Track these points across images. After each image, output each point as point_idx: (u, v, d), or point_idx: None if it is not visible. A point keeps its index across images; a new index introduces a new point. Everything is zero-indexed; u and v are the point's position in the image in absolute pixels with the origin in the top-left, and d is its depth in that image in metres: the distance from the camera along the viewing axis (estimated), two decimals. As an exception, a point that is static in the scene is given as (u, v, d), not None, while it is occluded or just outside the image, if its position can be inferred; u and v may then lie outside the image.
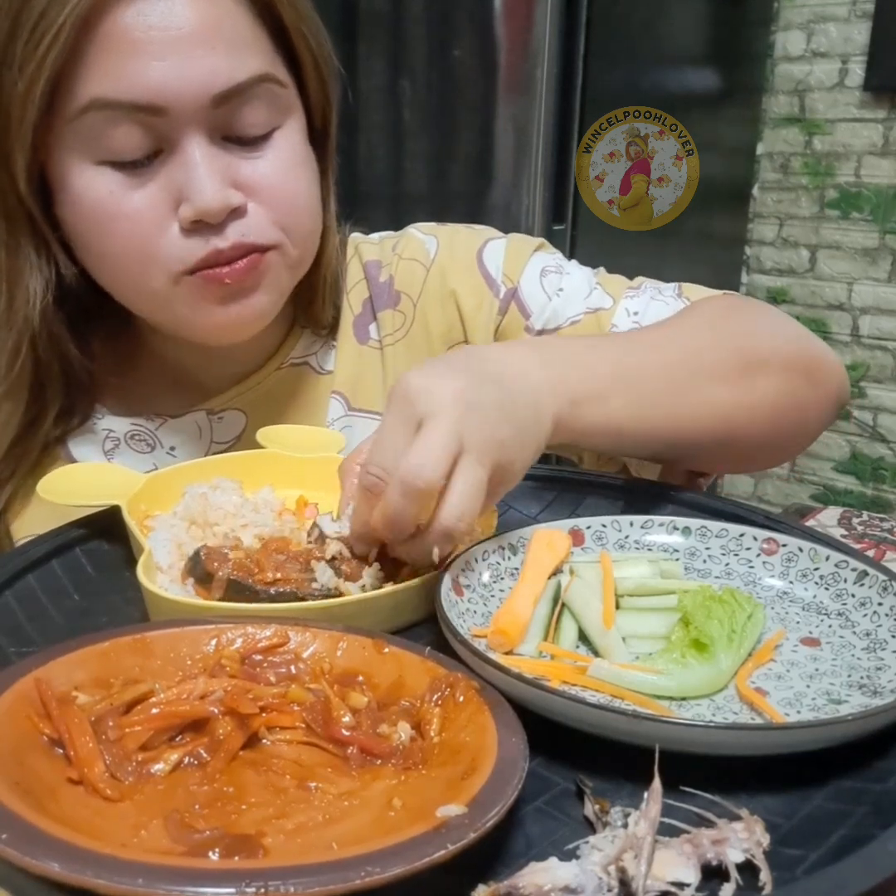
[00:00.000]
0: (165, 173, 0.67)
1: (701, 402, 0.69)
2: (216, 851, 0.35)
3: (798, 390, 0.74)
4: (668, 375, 0.68)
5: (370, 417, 0.85)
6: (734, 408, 0.70)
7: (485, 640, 0.52)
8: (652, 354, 0.69)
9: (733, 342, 0.72)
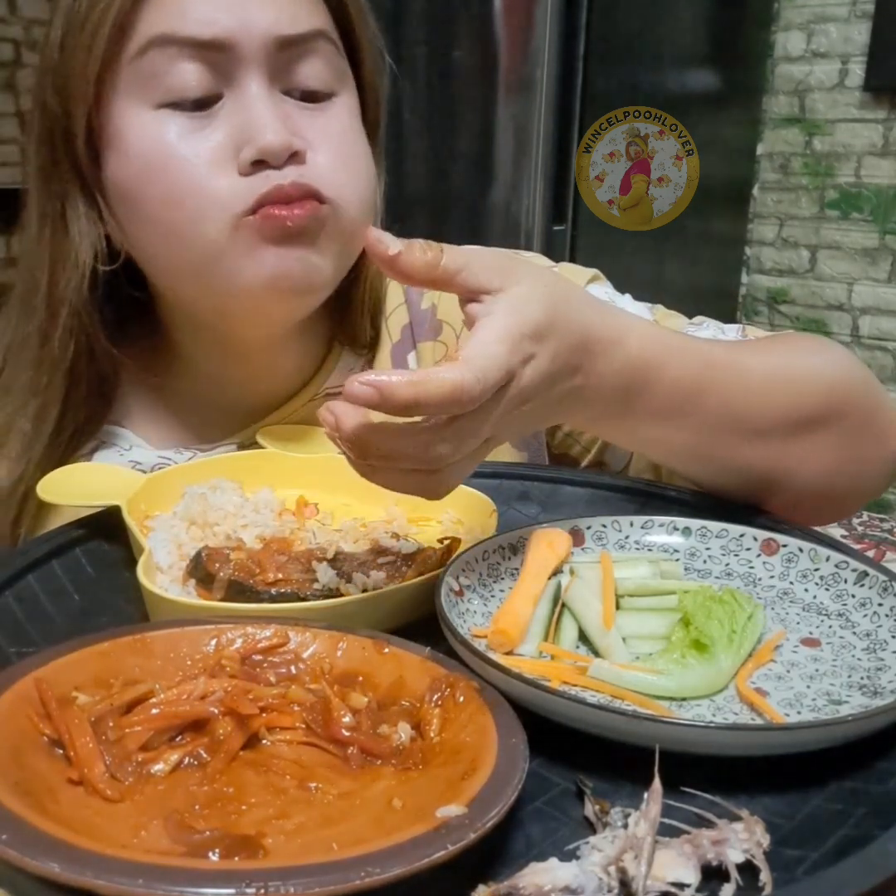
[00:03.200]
0: (226, 118, 0.67)
1: (755, 445, 0.65)
2: (216, 852, 0.35)
3: (857, 449, 0.70)
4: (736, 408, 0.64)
5: None
6: (784, 457, 0.66)
7: (485, 641, 0.52)
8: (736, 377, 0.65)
9: (813, 392, 0.67)
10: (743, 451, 0.65)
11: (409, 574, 0.58)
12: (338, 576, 0.57)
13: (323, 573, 0.57)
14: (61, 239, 0.72)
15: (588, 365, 0.56)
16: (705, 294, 2.85)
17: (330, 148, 0.70)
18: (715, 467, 0.68)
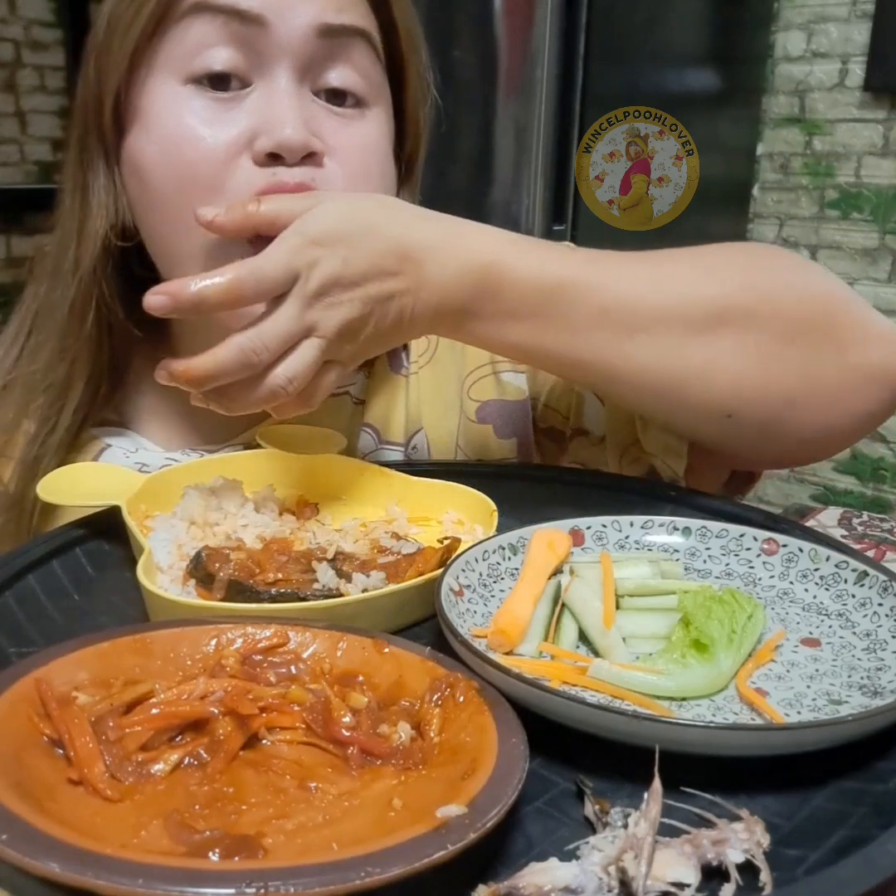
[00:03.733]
0: (251, 107, 0.67)
1: (639, 345, 0.62)
2: (216, 852, 0.35)
3: (798, 348, 0.64)
4: (604, 305, 0.62)
5: (396, 450, 0.83)
6: (682, 362, 0.63)
7: (485, 641, 0.52)
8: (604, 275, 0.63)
9: (710, 289, 0.64)
10: (624, 351, 0.63)
11: (409, 574, 0.58)
12: (338, 576, 0.57)
13: (323, 573, 0.56)
14: (84, 209, 0.73)
15: (409, 269, 0.59)
16: (705, 294, 2.84)
17: (350, 159, 0.69)
18: (603, 376, 0.65)
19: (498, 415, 0.83)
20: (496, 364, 0.82)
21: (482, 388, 0.83)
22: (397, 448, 0.83)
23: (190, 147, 0.67)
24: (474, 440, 0.83)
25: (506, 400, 0.83)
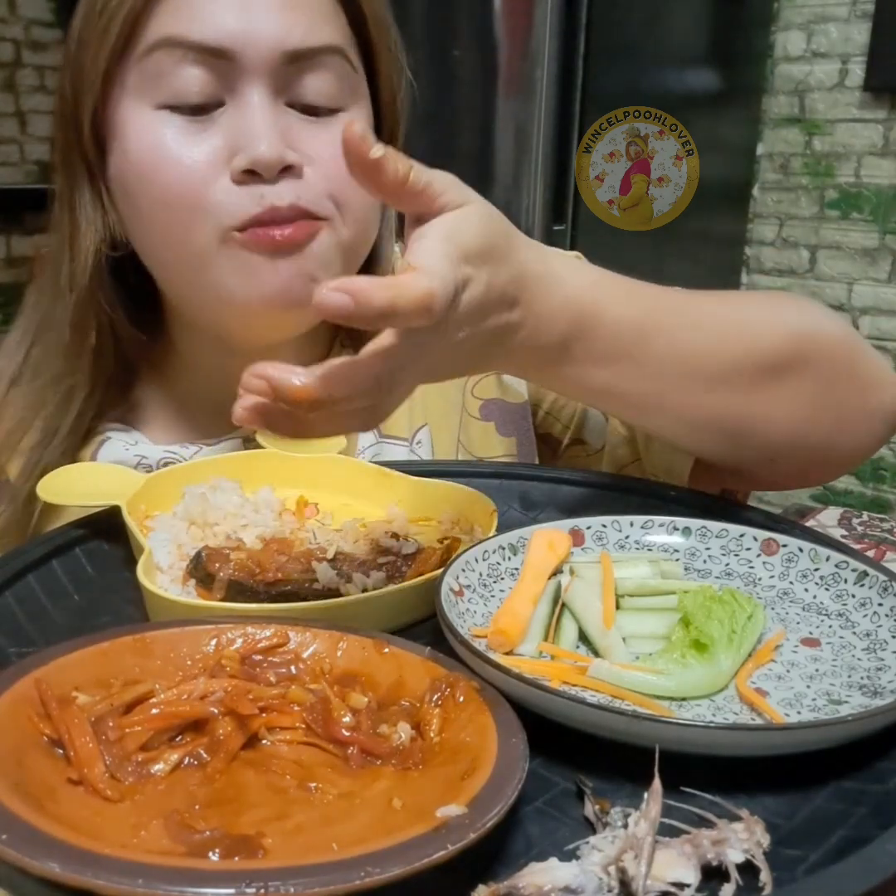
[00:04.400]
0: (225, 124, 0.67)
1: (714, 394, 0.64)
2: (216, 852, 0.35)
3: (833, 395, 0.68)
4: (688, 354, 0.63)
5: (398, 444, 0.83)
6: (746, 409, 0.65)
7: (485, 641, 0.52)
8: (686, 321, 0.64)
9: (773, 338, 0.66)
10: (700, 399, 0.64)
11: (409, 574, 0.58)
12: (338, 576, 0.57)
13: (323, 573, 0.56)
14: (73, 223, 0.73)
15: (525, 301, 0.55)
16: (705, 294, 2.84)
17: (329, 164, 0.69)
18: (672, 419, 0.66)
19: (499, 413, 0.84)
20: None
21: (485, 386, 0.84)
22: (400, 443, 0.84)
23: (169, 170, 0.67)
24: (476, 437, 0.84)
25: (506, 401, 0.84)
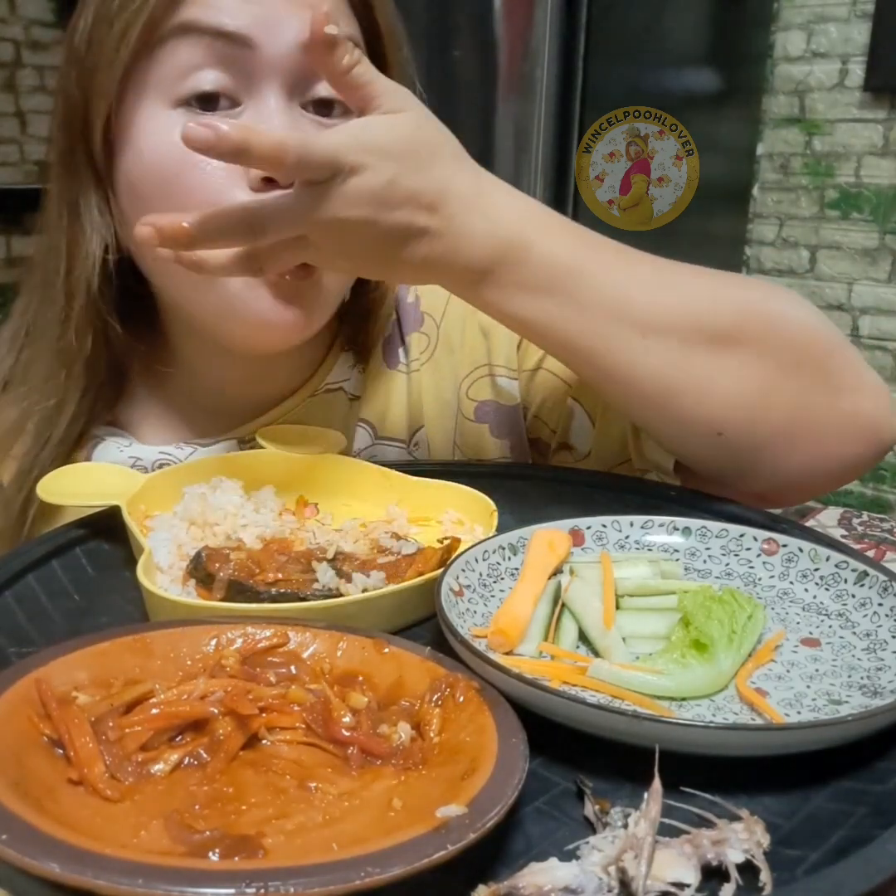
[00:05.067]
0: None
1: (647, 349, 0.62)
2: (216, 852, 0.35)
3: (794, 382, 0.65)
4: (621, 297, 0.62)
5: (395, 446, 0.84)
6: (684, 367, 0.63)
7: (485, 641, 0.52)
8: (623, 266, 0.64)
9: (721, 305, 0.65)
10: (631, 352, 0.63)
11: (409, 574, 0.58)
12: (338, 576, 0.57)
13: (323, 573, 0.57)
14: (75, 228, 0.72)
15: (445, 214, 0.59)
16: (705, 294, 2.85)
17: None
18: (606, 372, 0.65)
19: (493, 415, 0.84)
20: (493, 367, 0.83)
21: (479, 388, 0.84)
22: (397, 444, 0.84)
23: (187, 174, 0.66)
24: (471, 439, 0.84)
25: (500, 403, 0.83)
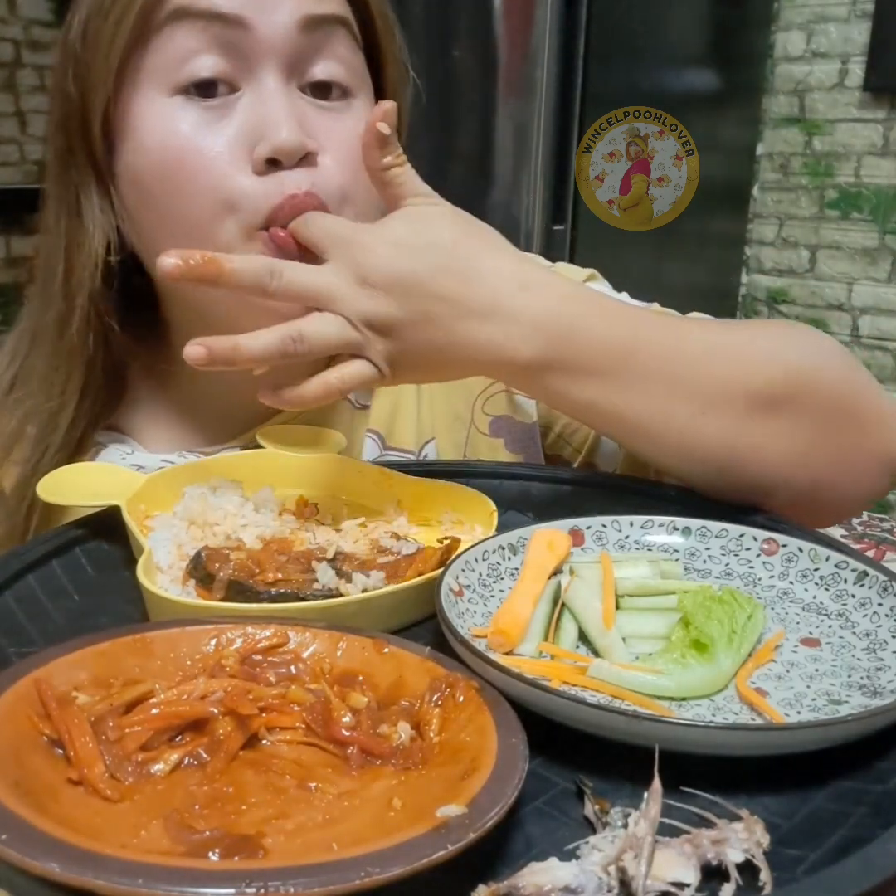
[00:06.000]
0: (242, 111, 0.67)
1: (707, 430, 0.64)
2: (216, 852, 0.35)
3: (834, 432, 0.67)
4: (678, 373, 0.63)
5: (403, 457, 0.83)
6: (743, 440, 0.65)
7: (485, 641, 0.52)
8: (675, 342, 0.65)
9: (770, 369, 0.66)
10: (686, 424, 0.64)
11: (409, 574, 0.58)
12: (338, 576, 0.57)
13: (323, 573, 0.56)
14: (76, 227, 0.72)
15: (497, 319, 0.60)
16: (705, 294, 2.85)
17: (340, 154, 0.69)
18: (659, 444, 0.66)
19: (508, 431, 0.84)
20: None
21: (495, 403, 0.84)
22: (407, 456, 0.83)
23: (191, 163, 0.66)
24: (484, 453, 0.84)
25: (516, 419, 0.83)
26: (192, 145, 0.66)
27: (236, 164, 0.66)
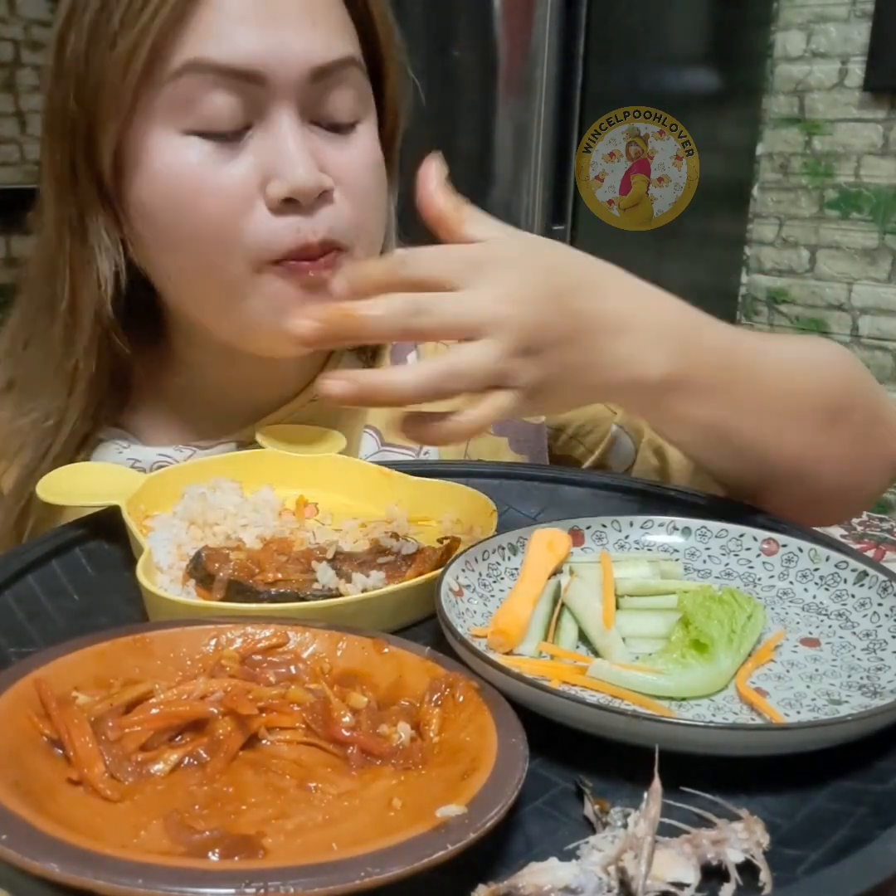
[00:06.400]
0: (255, 148, 0.66)
1: (789, 432, 0.65)
2: (216, 852, 0.35)
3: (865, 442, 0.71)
4: (775, 392, 0.64)
5: (403, 453, 0.83)
6: (811, 447, 0.66)
7: (485, 641, 0.52)
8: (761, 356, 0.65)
9: (834, 380, 0.69)
10: (776, 437, 0.64)
11: (408, 574, 0.58)
12: (338, 576, 0.57)
13: (323, 573, 0.57)
14: (80, 246, 0.71)
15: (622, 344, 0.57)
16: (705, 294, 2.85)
17: (354, 184, 0.69)
18: (746, 456, 0.66)
19: (513, 430, 0.83)
20: None
21: None
22: (406, 453, 0.83)
23: (204, 200, 0.66)
24: (486, 451, 0.84)
25: (523, 419, 0.83)
26: (207, 183, 0.66)
27: (249, 201, 0.66)
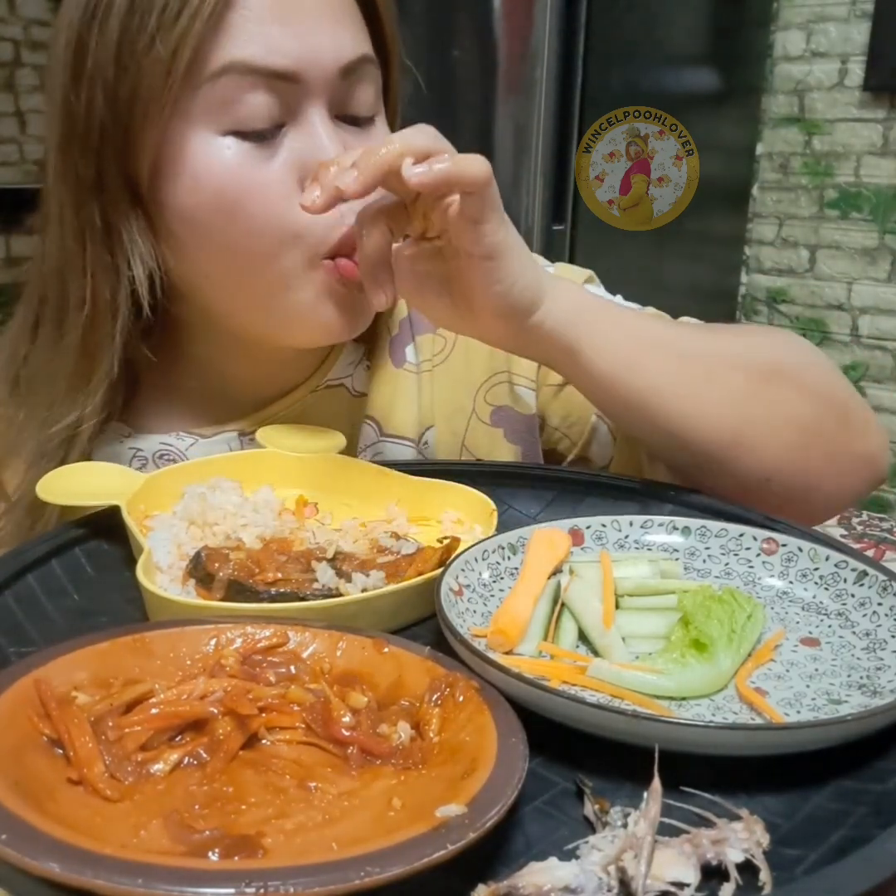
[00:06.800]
0: (289, 146, 0.68)
1: (713, 396, 0.68)
2: (216, 851, 0.35)
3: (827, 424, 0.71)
4: (688, 359, 0.69)
5: (401, 444, 0.84)
6: (746, 410, 0.68)
7: (485, 640, 0.52)
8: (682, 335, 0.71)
9: (766, 355, 0.72)
10: (698, 390, 0.68)
11: (408, 574, 0.58)
12: (337, 576, 0.57)
13: (323, 573, 0.57)
14: (104, 254, 0.70)
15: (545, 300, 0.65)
16: (705, 294, 2.86)
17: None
18: (672, 412, 0.68)
19: (508, 422, 0.84)
20: (512, 375, 0.84)
21: (497, 393, 0.84)
22: (405, 443, 0.84)
23: (250, 199, 0.67)
24: (483, 442, 0.85)
25: (516, 410, 0.84)
26: (250, 182, 0.67)
27: (291, 197, 0.67)
